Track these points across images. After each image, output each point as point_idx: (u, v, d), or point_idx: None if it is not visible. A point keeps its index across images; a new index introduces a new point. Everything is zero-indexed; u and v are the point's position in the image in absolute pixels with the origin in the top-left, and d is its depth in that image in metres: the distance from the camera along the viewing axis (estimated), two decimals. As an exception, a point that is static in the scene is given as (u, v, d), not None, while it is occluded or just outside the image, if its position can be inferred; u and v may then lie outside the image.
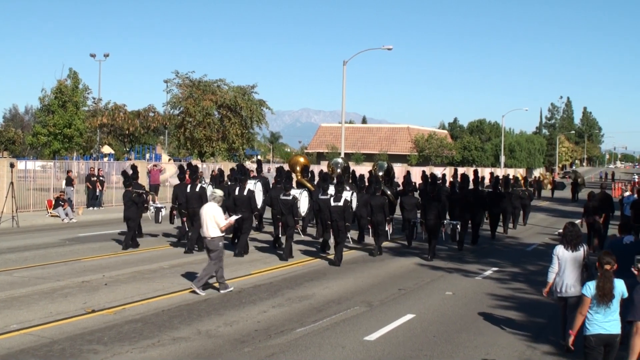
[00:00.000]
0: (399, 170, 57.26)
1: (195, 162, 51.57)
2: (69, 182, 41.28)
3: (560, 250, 13.69)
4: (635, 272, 10.90)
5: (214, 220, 18.01)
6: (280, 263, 23.20)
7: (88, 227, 33.00)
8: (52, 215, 35.97)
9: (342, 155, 61.41)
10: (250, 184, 26.38)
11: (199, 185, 26.07)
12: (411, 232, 29.04)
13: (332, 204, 23.73)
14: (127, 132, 71.83)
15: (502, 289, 20.06)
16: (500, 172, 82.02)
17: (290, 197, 25.06)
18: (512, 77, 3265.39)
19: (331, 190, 25.35)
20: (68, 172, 42.20)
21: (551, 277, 13.74)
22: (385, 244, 27.57)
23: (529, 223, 41.24)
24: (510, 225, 38.31)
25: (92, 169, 41.76)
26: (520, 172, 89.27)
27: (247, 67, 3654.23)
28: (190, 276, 20.08)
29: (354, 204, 27.64)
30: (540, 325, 15.77)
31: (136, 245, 26.26)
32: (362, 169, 55.75)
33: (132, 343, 13.09)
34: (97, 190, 41.60)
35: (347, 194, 25.00)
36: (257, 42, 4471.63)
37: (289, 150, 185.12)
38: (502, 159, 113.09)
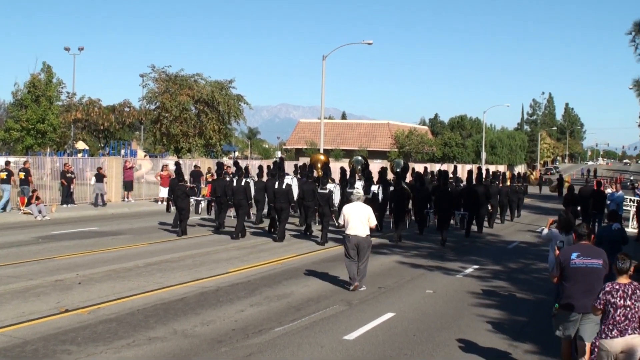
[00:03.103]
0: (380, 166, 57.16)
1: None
2: (100, 178, 41.35)
3: (556, 231, 15.56)
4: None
5: (367, 219, 18.64)
6: (258, 261, 23.19)
7: (62, 225, 32.85)
8: (24, 213, 35.77)
9: (322, 151, 61.45)
10: (288, 179, 30.45)
11: (244, 180, 29.89)
12: (424, 221, 33.56)
13: None
14: (101, 127, 71.71)
15: (483, 287, 20.12)
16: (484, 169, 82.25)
17: (327, 191, 29.05)
18: (494, 73, 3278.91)
19: (357, 184, 29.34)
20: (99, 168, 42.27)
21: (552, 255, 15.08)
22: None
23: (512, 220, 41.67)
24: (508, 217, 42.25)
25: (66, 165, 41.58)
26: (502, 168, 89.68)
27: (225, 62, 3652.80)
28: (166, 274, 20.06)
29: (380, 196, 30.56)
30: (521, 323, 15.82)
31: (186, 232, 29.97)
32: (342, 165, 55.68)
33: (106, 343, 13.02)
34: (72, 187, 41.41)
35: (373, 187, 28.70)
36: (235, 35, 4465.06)
37: (267, 146, 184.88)
38: (483, 155, 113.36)
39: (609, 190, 42.41)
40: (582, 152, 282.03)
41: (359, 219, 18.53)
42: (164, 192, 45.35)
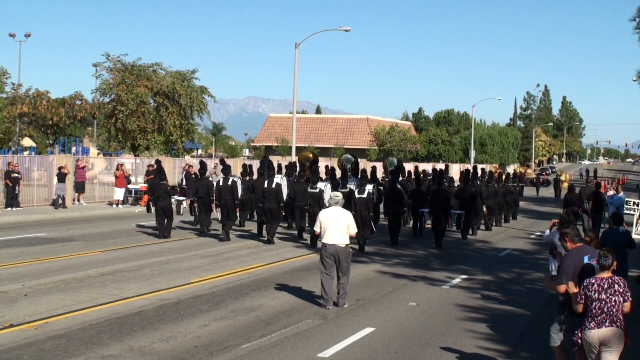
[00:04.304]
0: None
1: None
2: (62, 178, 41.23)
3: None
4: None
5: (346, 226, 18.11)
6: (224, 270, 23.17)
7: (6, 230, 32.67)
8: (-36, 217, 35.58)
9: (294, 148, 61.41)
10: (277, 178, 31.62)
11: (230, 179, 31.18)
12: (421, 222, 35.44)
13: (357, 195, 28.90)
14: (50, 122, 71.34)
15: (471, 299, 20.18)
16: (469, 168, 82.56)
17: (317, 190, 30.76)
18: (484, 63, 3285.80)
19: (350, 183, 32.11)
20: (60, 168, 42.09)
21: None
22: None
23: (503, 226, 41.90)
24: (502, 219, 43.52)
25: (11, 165, 41.28)
26: (495, 166, 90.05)
27: (187, 50, 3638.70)
28: (121, 285, 19.99)
29: (375, 196, 31.44)
30: (513, 339, 15.86)
31: (169, 235, 31.18)
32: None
33: (55, 362, 12.96)
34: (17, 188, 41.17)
35: (369, 187, 29.77)
36: (198, 21, 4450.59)
37: (233, 143, 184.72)
38: (472, 153, 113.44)
39: (611, 192, 42.76)
40: (581, 150, 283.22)
41: (337, 225, 18.01)
42: (119, 194, 45.27)
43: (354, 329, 15.92)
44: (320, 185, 31.38)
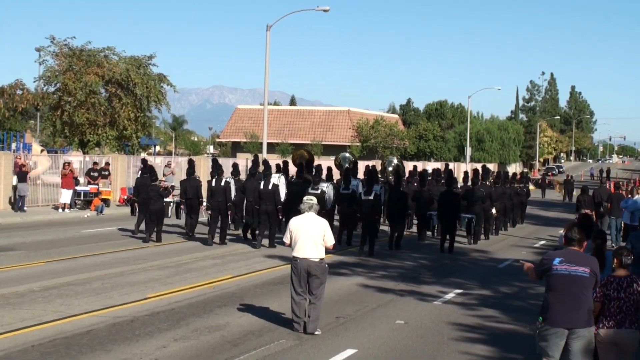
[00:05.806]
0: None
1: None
2: (23, 177, 41.19)
3: None
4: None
5: (321, 237, 17.40)
6: (184, 284, 23.10)
7: None
8: None
9: (265, 145, 61.33)
10: (274, 178, 33.16)
11: (223, 179, 32.31)
12: (427, 226, 36.77)
13: (363, 197, 30.59)
14: (-13, 115, 71.03)
15: (467, 316, 20.21)
16: (466, 167, 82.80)
17: (319, 191, 32.06)
18: (482, 49, 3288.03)
19: (354, 184, 33.30)
20: (22, 166, 42.02)
21: None
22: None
23: (502, 233, 41.90)
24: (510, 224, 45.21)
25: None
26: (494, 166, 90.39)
27: (143, 32, 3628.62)
28: (68, 301, 19.94)
29: (382, 198, 32.77)
30: (515, 362, 15.92)
31: (161, 239, 32.59)
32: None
33: (-8, 388, 12.95)
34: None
35: (376, 188, 31.20)
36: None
37: (195, 139, 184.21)
38: (468, 151, 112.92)
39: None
40: (591, 147, 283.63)
41: (310, 236, 17.32)
42: (65, 197, 45.08)
43: (333, 351, 15.95)
44: (322, 186, 32.75)
